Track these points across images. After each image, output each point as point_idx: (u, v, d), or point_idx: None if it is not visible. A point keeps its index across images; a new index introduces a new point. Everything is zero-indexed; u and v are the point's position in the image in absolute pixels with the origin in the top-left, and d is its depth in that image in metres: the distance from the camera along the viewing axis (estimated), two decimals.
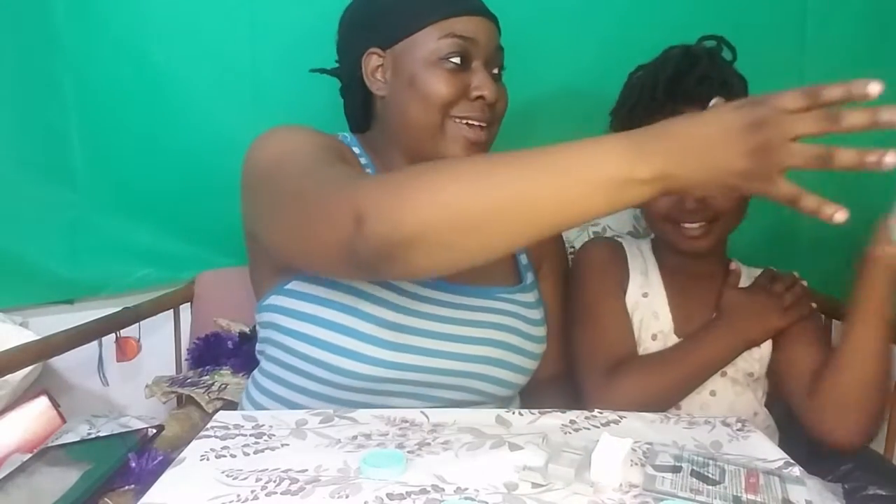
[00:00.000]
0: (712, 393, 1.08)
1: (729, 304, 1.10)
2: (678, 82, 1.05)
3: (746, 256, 1.21)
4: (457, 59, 1.00)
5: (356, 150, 1.08)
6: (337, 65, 1.11)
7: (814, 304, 1.15)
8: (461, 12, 1.01)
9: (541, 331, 1.10)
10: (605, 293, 1.14)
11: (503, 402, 1.07)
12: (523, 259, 1.14)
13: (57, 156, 1.42)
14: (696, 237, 1.08)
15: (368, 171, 1.06)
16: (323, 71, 1.13)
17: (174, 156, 1.45)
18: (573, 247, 1.46)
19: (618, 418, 0.93)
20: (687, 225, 1.08)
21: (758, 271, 1.17)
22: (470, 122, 1.02)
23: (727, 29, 1.14)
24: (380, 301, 0.97)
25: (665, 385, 1.04)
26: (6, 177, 1.39)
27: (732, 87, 1.06)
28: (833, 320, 1.37)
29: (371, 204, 0.76)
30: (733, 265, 1.14)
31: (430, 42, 1.00)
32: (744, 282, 1.15)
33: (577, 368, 1.13)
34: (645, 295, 1.14)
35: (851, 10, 1.44)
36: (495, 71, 1.05)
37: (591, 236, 1.47)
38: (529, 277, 1.13)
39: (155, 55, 1.42)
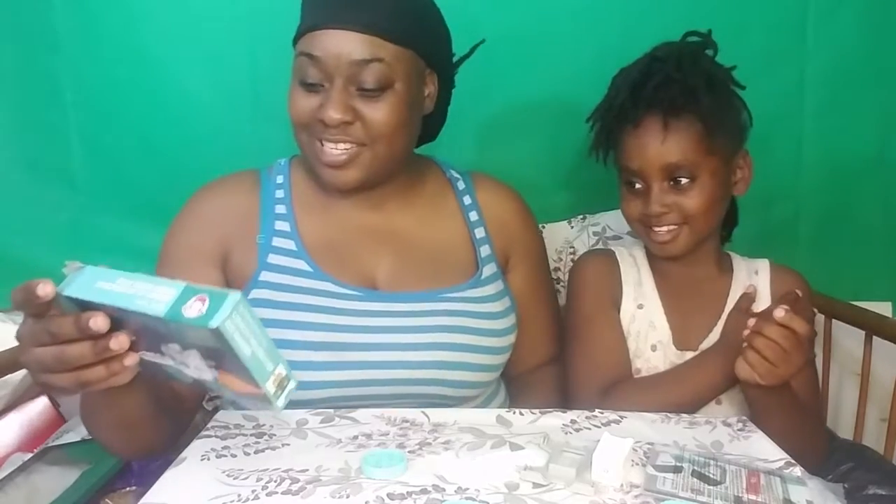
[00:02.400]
0: (718, 402, 1.06)
1: (734, 331, 1.04)
2: (640, 88, 1.04)
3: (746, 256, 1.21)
4: (309, 80, 0.98)
5: (280, 178, 1.09)
6: None
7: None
8: (316, 26, 0.97)
9: (503, 322, 1.07)
10: (598, 312, 1.12)
11: (477, 402, 1.05)
12: (484, 250, 1.11)
13: (57, 156, 1.42)
14: (666, 241, 1.06)
15: (281, 207, 1.06)
16: None
17: (174, 156, 1.45)
18: (573, 247, 1.46)
19: (618, 418, 0.93)
20: (656, 229, 1.06)
21: (760, 262, 1.14)
22: (326, 143, 0.99)
23: (727, 29, 1.13)
24: (310, 326, 0.97)
25: (658, 410, 0.98)
26: (6, 177, 1.40)
27: (696, 90, 1.02)
28: (833, 320, 1.37)
29: None
30: (750, 287, 1.10)
31: (295, 60, 1.00)
32: (741, 277, 1.13)
33: (569, 386, 1.11)
34: (640, 306, 1.12)
35: (852, 9, 1.43)
36: (362, 87, 0.97)
37: (591, 236, 1.46)
38: (488, 270, 1.10)
39: (154, 55, 1.41)
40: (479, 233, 1.12)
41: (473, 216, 1.13)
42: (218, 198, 1.09)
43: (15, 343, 1.21)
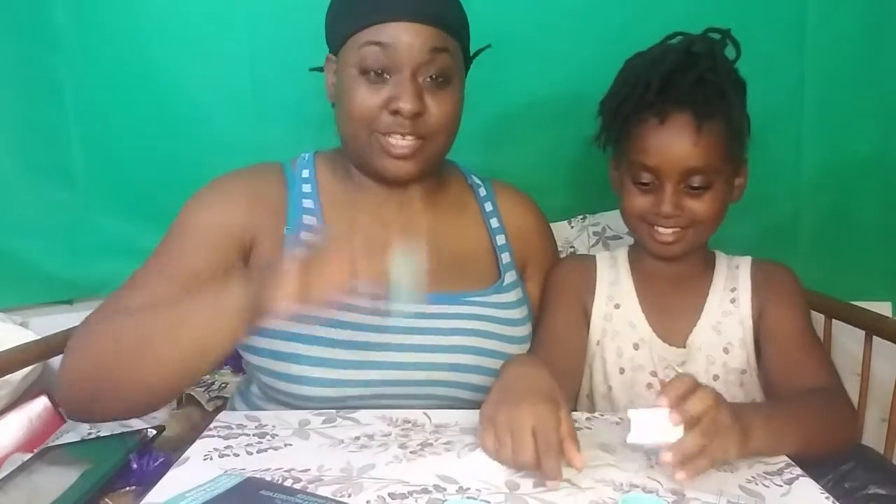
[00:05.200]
0: None
1: None
2: (672, 82, 1.00)
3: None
4: (375, 69, 0.96)
5: (306, 173, 1.07)
6: None
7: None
8: (385, 18, 0.96)
9: (521, 330, 1.07)
10: (558, 310, 1.11)
11: None
12: (505, 258, 1.11)
13: (57, 156, 1.42)
14: (669, 242, 1.04)
15: (308, 201, 1.05)
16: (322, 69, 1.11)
17: (174, 156, 1.45)
18: (573, 246, 1.46)
19: (619, 420, 0.93)
20: (660, 229, 1.04)
21: (742, 259, 1.13)
22: (392, 136, 0.98)
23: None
24: (333, 323, 0.96)
25: None
26: (6, 177, 1.39)
27: (727, 94, 1.00)
28: (833, 320, 1.37)
29: (67, 355, 0.93)
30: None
31: (354, 51, 0.97)
32: (722, 271, 1.11)
33: None
34: (617, 306, 1.10)
35: (851, 10, 1.44)
36: (430, 76, 0.98)
37: (591, 236, 1.47)
38: (509, 277, 1.10)
39: (154, 55, 1.41)
40: (500, 240, 1.12)
41: (494, 223, 1.13)
42: (249, 182, 1.06)
43: (15, 343, 1.22)
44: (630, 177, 1.05)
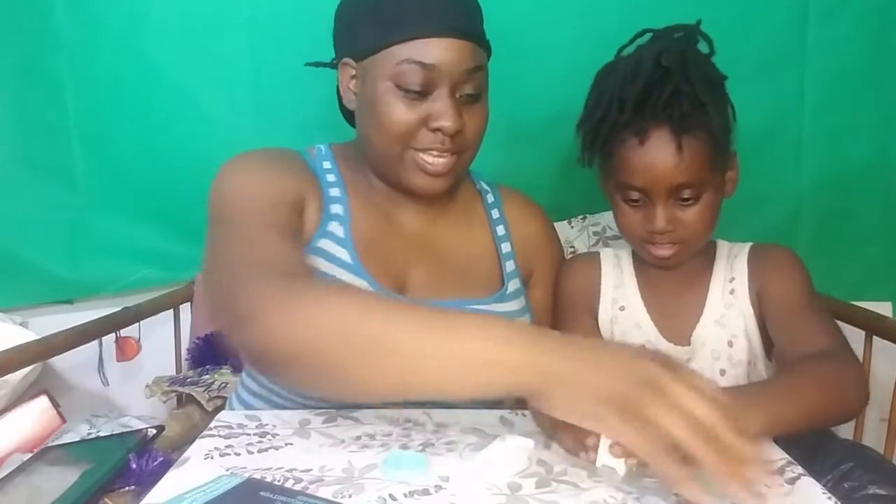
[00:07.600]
0: None
1: None
2: (647, 100, 0.99)
3: None
4: (415, 87, 0.95)
5: (327, 164, 1.06)
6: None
7: None
8: (427, 34, 0.94)
9: None
10: (571, 319, 1.12)
11: None
12: (509, 266, 1.10)
13: (57, 156, 1.42)
14: (665, 256, 1.05)
15: (335, 190, 1.03)
16: (319, 64, 1.10)
17: (174, 156, 1.45)
18: (573, 247, 1.46)
19: None
20: (657, 244, 1.05)
21: (742, 247, 1.12)
22: (429, 153, 0.98)
23: (727, 29, 1.13)
24: None
25: None
26: (6, 177, 1.40)
27: (704, 104, 0.98)
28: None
29: (263, 311, 0.76)
30: None
31: (390, 65, 0.95)
32: (722, 263, 1.11)
33: None
34: (622, 308, 1.11)
35: (852, 9, 1.44)
36: (466, 93, 0.98)
37: (591, 236, 1.47)
38: (513, 286, 1.09)
39: (155, 55, 1.42)
40: (506, 247, 1.12)
41: (500, 230, 1.13)
42: (282, 156, 1.04)
43: (15, 343, 1.22)
44: (620, 195, 1.06)
